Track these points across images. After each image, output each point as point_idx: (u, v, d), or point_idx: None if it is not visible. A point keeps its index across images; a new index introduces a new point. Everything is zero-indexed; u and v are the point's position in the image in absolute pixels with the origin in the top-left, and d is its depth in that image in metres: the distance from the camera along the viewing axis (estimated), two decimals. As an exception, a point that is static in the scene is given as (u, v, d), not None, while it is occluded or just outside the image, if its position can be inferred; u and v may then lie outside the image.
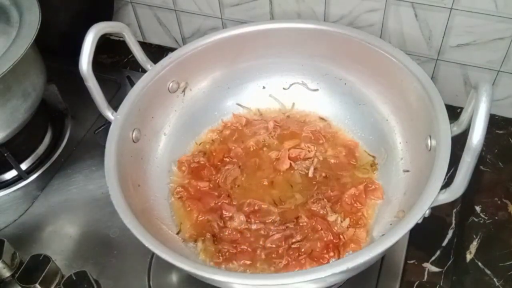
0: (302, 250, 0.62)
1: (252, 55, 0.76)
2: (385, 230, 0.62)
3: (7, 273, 0.65)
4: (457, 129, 0.58)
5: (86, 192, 0.75)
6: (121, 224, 0.54)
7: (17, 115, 0.71)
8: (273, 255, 0.62)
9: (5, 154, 0.75)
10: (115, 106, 0.67)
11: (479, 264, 0.64)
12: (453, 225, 0.68)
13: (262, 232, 0.64)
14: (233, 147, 0.74)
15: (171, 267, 0.65)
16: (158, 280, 0.66)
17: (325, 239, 0.62)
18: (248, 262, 0.62)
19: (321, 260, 0.61)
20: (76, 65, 0.63)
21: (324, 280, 0.52)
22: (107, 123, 0.67)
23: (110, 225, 0.70)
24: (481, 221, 0.68)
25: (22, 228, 0.72)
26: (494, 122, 0.78)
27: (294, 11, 0.80)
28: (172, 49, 0.88)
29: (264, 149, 0.74)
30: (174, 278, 0.66)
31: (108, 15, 0.91)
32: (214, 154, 0.74)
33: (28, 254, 0.63)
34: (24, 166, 0.79)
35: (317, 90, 0.78)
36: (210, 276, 0.50)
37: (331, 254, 0.61)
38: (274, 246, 0.63)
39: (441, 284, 0.63)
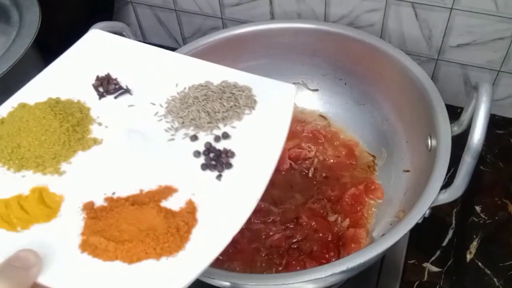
0: (302, 250, 0.62)
1: (252, 55, 0.76)
2: (385, 230, 0.62)
3: (7, 273, 0.65)
4: (457, 129, 0.58)
5: (86, 192, 0.75)
6: (121, 224, 0.54)
7: (17, 115, 0.71)
8: (274, 255, 0.62)
9: (5, 154, 0.74)
10: (115, 106, 0.67)
11: (479, 264, 0.64)
12: (453, 225, 0.68)
13: (262, 232, 0.64)
14: (233, 147, 0.74)
15: (171, 267, 0.65)
16: (158, 280, 0.65)
17: (325, 239, 0.62)
18: (248, 262, 0.62)
19: (321, 260, 0.61)
20: (76, 65, 0.63)
21: (324, 280, 0.51)
22: (107, 123, 0.67)
23: (110, 225, 0.70)
24: (481, 221, 0.68)
25: (22, 228, 0.72)
26: (494, 122, 0.78)
27: (294, 11, 0.80)
28: (172, 49, 0.88)
29: (264, 149, 0.74)
30: (174, 278, 0.66)
31: (108, 15, 0.91)
32: (214, 154, 0.74)
33: (28, 254, 0.63)
34: (24, 166, 0.79)
35: (317, 90, 0.78)
36: (210, 276, 0.50)
37: (331, 254, 0.61)
38: (274, 246, 0.63)
39: (441, 284, 0.63)
